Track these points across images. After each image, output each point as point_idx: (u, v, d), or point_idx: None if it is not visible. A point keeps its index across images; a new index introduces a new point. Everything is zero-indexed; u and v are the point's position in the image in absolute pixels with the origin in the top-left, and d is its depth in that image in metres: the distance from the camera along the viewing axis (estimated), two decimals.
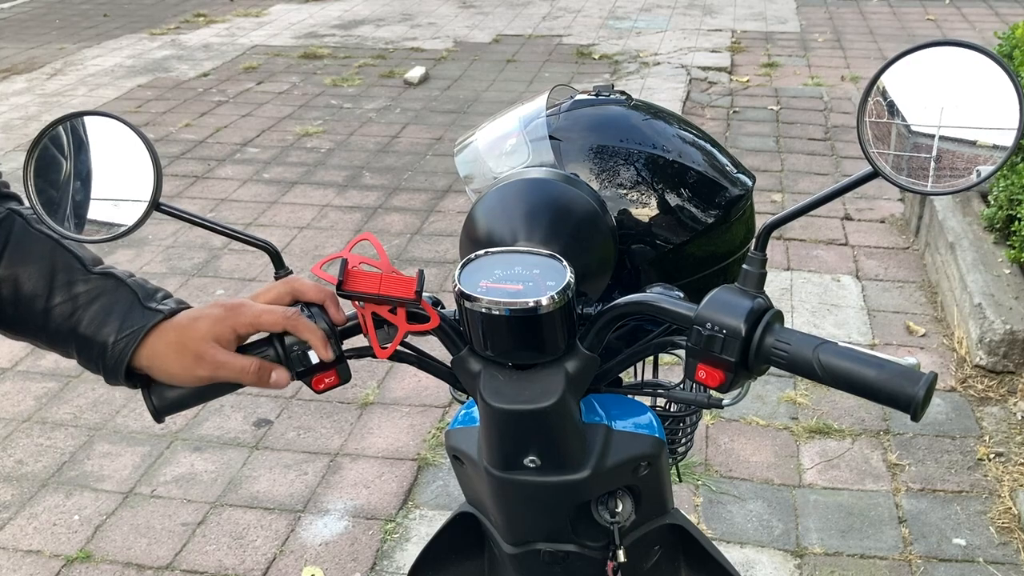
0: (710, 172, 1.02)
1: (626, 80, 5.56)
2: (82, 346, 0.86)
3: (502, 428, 0.86)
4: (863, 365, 0.75)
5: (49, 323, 0.86)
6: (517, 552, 0.96)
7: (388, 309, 0.84)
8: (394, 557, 2.16)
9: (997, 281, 2.81)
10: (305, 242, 3.70)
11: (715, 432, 2.56)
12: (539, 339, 0.84)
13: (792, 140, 4.62)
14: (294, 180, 4.32)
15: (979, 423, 2.56)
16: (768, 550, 2.16)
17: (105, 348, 0.85)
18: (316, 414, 2.67)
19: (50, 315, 0.86)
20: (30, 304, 0.86)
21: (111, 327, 0.85)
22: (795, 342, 0.78)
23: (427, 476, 2.42)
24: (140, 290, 0.88)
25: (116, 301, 0.86)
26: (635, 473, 0.93)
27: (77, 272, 0.87)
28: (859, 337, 2.96)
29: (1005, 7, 7.14)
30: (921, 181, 0.73)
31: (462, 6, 7.69)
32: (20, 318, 0.87)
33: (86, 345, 0.86)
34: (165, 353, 0.85)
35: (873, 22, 6.92)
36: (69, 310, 0.86)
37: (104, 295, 0.86)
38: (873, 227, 3.70)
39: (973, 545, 2.15)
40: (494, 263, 0.87)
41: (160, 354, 0.85)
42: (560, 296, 0.82)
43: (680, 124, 1.08)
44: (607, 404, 0.95)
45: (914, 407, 0.72)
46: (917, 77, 0.71)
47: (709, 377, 0.80)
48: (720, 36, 6.56)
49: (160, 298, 0.89)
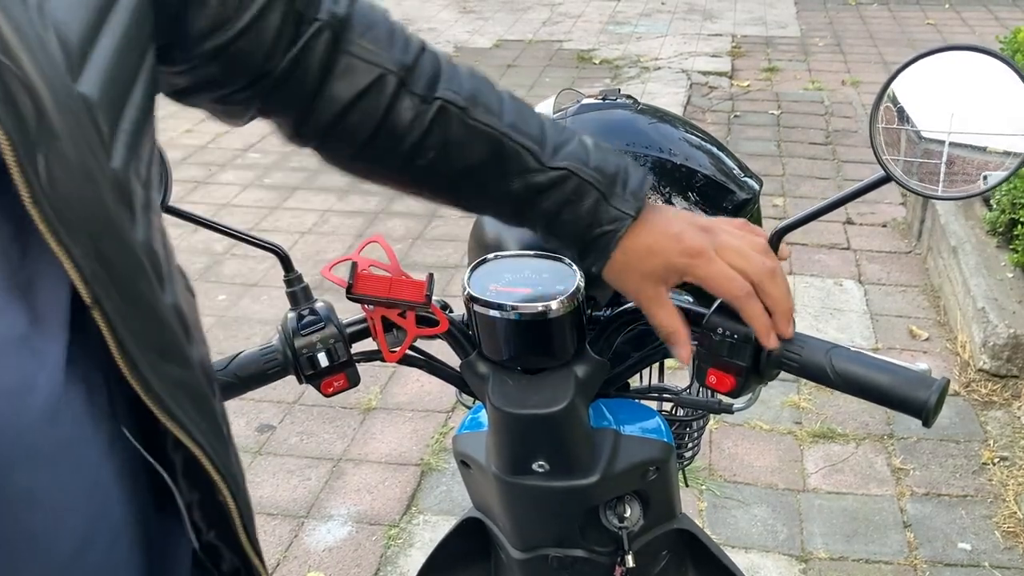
0: (717, 176, 1.02)
1: (627, 85, 5.57)
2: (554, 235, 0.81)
3: (511, 433, 0.86)
4: (875, 370, 0.75)
5: (506, 206, 0.81)
6: (525, 558, 0.96)
7: (398, 313, 0.84)
8: (397, 563, 2.16)
9: (1000, 285, 2.81)
10: (307, 247, 3.70)
11: (719, 437, 2.55)
12: (549, 343, 0.84)
13: (793, 144, 4.62)
14: (295, 185, 4.32)
15: (983, 427, 2.55)
16: (773, 555, 2.15)
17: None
18: (319, 419, 2.67)
19: (508, 201, 0.80)
20: (487, 193, 0.80)
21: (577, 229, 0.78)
22: (807, 346, 0.78)
23: (430, 481, 2.41)
24: (602, 182, 0.78)
25: (578, 202, 0.78)
26: (644, 478, 0.92)
27: (530, 162, 0.78)
28: (862, 341, 2.96)
29: (1005, 11, 7.15)
30: (932, 186, 0.73)
31: (462, 11, 7.70)
32: (478, 205, 0.83)
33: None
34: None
35: (873, 26, 6.92)
36: (529, 196, 0.79)
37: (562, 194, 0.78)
38: (875, 231, 3.70)
39: (979, 550, 2.15)
40: (504, 267, 0.87)
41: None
42: (570, 300, 0.82)
43: (687, 128, 1.08)
44: (615, 409, 0.95)
45: (926, 413, 0.72)
46: (929, 82, 0.71)
47: (720, 382, 0.80)
48: (720, 41, 6.57)
49: (623, 188, 0.78)
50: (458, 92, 0.76)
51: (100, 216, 0.50)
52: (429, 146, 0.77)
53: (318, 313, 0.87)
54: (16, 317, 0.46)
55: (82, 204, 0.48)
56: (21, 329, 0.46)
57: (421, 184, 0.81)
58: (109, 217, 0.50)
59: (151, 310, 0.54)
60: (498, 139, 0.77)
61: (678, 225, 0.78)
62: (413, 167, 0.78)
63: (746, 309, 0.76)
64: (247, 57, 0.70)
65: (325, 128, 0.76)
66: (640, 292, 0.78)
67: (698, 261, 0.76)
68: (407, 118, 0.75)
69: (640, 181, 0.79)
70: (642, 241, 0.77)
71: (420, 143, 0.76)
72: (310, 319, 0.86)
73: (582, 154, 0.78)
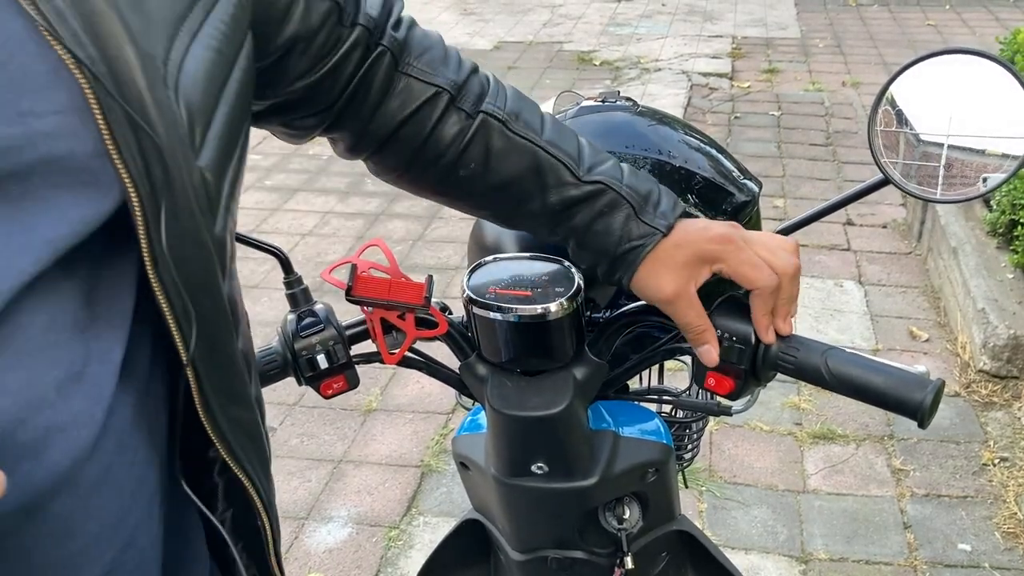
0: (716, 178, 1.02)
1: (627, 86, 5.57)
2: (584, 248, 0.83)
3: (510, 434, 0.86)
4: (871, 371, 0.75)
5: (543, 219, 0.84)
6: (525, 559, 0.96)
7: (397, 315, 0.84)
8: (398, 564, 2.16)
9: (1000, 286, 2.81)
10: (307, 249, 3.70)
11: (719, 438, 2.55)
12: (548, 346, 0.84)
13: (793, 145, 4.62)
14: (296, 187, 4.32)
15: (983, 428, 2.55)
16: (773, 556, 2.15)
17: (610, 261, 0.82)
18: (319, 421, 2.67)
19: (544, 213, 0.83)
20: (525, 205, 0.83)
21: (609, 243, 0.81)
22: (803, 348, 0.78)
23: (431, 483, 2.42)
24: (635, 198, 0.81)
25: (610, 215, 0.81)
26: (643, 479, 0.93)
27: (566, 176, 0.82)
28: (862, 342, 2.96)
29: (1005, 12, 7.15)
30: (930, 189, 0.73)
31: (463, 13, 7.71)
32: (516, 216, 0.86)
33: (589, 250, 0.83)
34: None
35: (873, 27, 6.92)
36: (564, 210, 0.82)
37: (595, 207, 0.81)
38: (875, 232, 3.70)
39: (979, 551, 2.15)
40: (503, 269, 0.87)
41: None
42: (569, 303, 0.82)
43: (686, 130, 1.08)
44: (614, 411, 0.95)
45: (921, 414, 0.72)
46: (927, 85, 0.71)
47: (719, 384, 0.80)
48: (721, 42, 6.57)
49: (655, 208, 0.81)
50: (501, 107, 0.82)
51: (205, 279, 0.54)
52: (471, 157, 0.81)
53: (317, 315, 0.87)
54: (75, 356, 0.49)
55: (192, 267, 0.53)
56: (78, 367, 0.49)
57: (464, 196, 0.85)
58: (211, 279, 0.55)
59: (228, 359, 0.59)
60: (536, 152, 0.81)
61: (704, 222, 0.81)
62: (456, 178, 0.82)
63: (762, 303, 0.77)
64: (329, 90, 0.77)
65: (380, 143, 0.82)
66: (670, 291, 0.78)
67: (728, 247, 0.77)
68: (453, 132, 0.81)
69: (672, 203, 0.82)
70: (671, 240, 0.79)
71: (463, 154, 0.81)
72: (310, 321, 0.86)
73: (617, 173, 0.82)
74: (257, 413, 0.64)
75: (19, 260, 0.45)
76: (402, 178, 0.85)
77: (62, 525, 0.49)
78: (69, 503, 0.49)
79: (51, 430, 0.47)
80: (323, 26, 0.73)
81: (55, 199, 0.46)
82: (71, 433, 0.48)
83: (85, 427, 0.49)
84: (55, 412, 0.47)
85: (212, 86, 0.55)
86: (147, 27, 0.50)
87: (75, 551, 0.50)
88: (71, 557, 0.50)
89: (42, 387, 0.47)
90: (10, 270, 0.45)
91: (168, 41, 0.51)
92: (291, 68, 0.73)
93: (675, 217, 0.81)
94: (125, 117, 0.47)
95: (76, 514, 0.49)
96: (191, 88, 0.53)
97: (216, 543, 0.67)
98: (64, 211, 0.47)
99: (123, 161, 0.48)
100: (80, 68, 0.46)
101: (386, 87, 0.79)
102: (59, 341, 0.48)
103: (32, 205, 0.46)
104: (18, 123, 0.44)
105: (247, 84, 0.61)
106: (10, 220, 0.45)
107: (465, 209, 0.87)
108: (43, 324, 0.47)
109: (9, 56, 0.44)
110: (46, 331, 0.47)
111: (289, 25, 0.70)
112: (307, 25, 0.71)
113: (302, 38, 0.72)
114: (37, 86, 0.45)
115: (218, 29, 0.56)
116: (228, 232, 0.59)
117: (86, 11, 0.46)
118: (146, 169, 0.49)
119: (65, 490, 0.46)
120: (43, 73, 0.45)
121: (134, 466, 0.54)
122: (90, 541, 0.51)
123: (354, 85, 0.78)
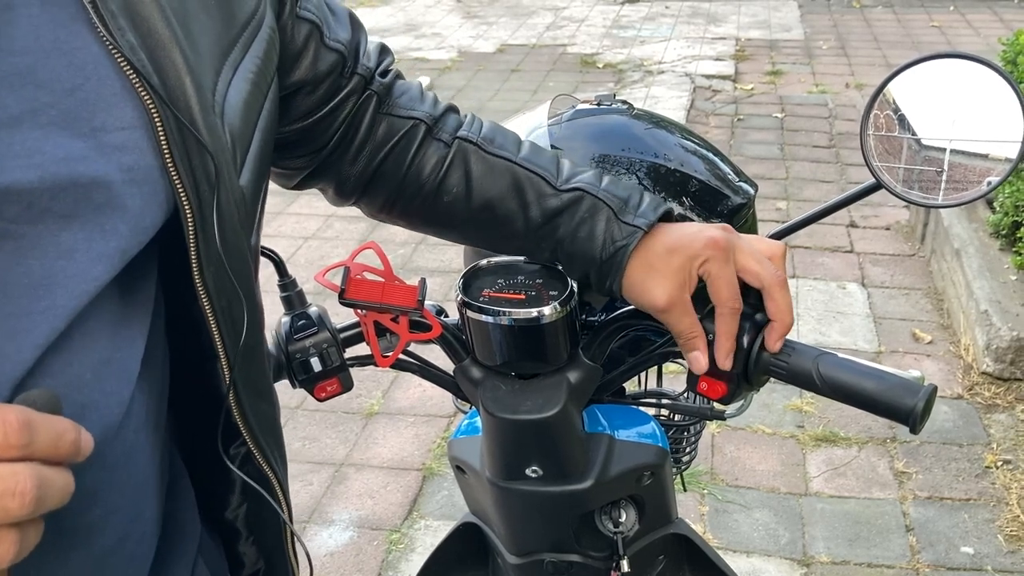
0: (712, 181, 1.02)
1: (630, 89, 5.57)
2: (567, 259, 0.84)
3: (504, 438, 0.86)
4: (862, 377, 0.74)
5: (530, 236, 0.85)
6: (521, 563, 0.96)
7: (390, 318, 0.84)
8: (399, 567, 2.16)
9: (1003, 288, 2.80)
10: (310, 252, 3.71)
11: (721, 441, 2.55)
12: (541, 349, 0.84)
13: (797, 148, 4.62)
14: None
15: (986, 430, 2.54)
16: (775, 559, 2.15)
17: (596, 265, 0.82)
18: (321, 424, 2.67)
19: (529, 229, 0.84)
20: (510, 224, 0.85)
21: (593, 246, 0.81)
22: (795, 353, 0.77)
23: (432, 486, 2.42)
24: (614, 201, 0.82)
25: (592, 221, 0.82)
26: (638, 483, 0.92)
27: (544, 187, 0.84)
28: (865, 345, 2.95)
29: (1010, 13, 7.13)
30: (928, 194, 0.73)
31: (467, 16, 7.72)
32: (504, 238, 0.87)
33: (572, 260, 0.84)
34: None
35: (877, 29, 6.91)
36: (546, 226, 0.83)
37: (577, 214, 0.83)
38: (878, 234, 3.70)
39: (981, 553, 2.14)
40: (497, 272, 0.87)
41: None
42: (563, 306, 0.82)
43: (682, 133, 1.08)
44: (610, 414, 0.95)
45: (912, 419, 0.71)
46: (918, 90, 0.71)
47: (711, 389, 0.80)
48: (724, 44, 6.56)
49: (635, 209, 0.82)
50: (476, 133, 0.86)
51: (246, 284, 0.60)
52: (452, 182, 0.85)
53: (311, 318, 0.87)
54: (108, 343, 0.54)
55: (237, 272, 0.59)
56: (109, 352, 0.54)
57: (451, 224, 0.88)
58: (249, 284, 0.61)
59: (259, 360, 0.65)
60: (514, 168, 0.84)
61: (696, 225, 0.81)
62: (442, 205, 0.86)
63: (725, 324, 0.77)
64: (322, 133, 0.82)
65: (365, 183, 0.86)
66: (664, 300, 0.78)
67: (719, 254, 0.77)
68: (432, 161, 0.85)
69: (653, 204, 0.82)
70: (661, 243, 0.79)
71: (443, 180, 0.85)
72: (303, 324, 0.87)
73: (595, 180, 0.84)
74: (276, 408, 0.70)
75: (95, 268, 0.50)
76: (391, 213, 0.89)
77: (88, 496, 0.52)
78: (97, 476, 0.53)
79: (87, 407, 0.51)
80: (329, 75, 0.79)
81: (132, 208, 0.51)
82: (103, 411, 0.53)
83: (115, 406, 0.54)
84: (91, 391, 0.52)
85: (250, 114, 0.62)
86: (199, 60, 0.56)
87: (95, 519, 0.54)
88: (91, 524, 0.54)
89: (81, 368, 0.51)
90: (86, 276, 0.50)
91: (215, 74, 0.58)
92: (292, 110, 0.78)
93: (656, 216, 0.81)
94: (183, 135, 0.53)
95: (101, 486, 0.54)
96: (233, 116, 0.59)
97: (214, 542, 0.71)
98: (139, 219, 0.52)
99: (179, 175, 0.53)
100: (147, 90, 0.52)
101: (370, 128, 0.84)
102: (97, 329, 0.52)
103: (112, 212, 0.51)
104: (91, 136, 0.50)
105: (274, 113, 0.68)
106: (92, 225, 0.50)
107: (456, 238, 0.90)
108: (87, 315, 0.51)
109: (87, 78, 0.50)
110: (86, 320, 0.51)
111: (298, 71, 0.76)
112: (315, 72, 0.77)
113: (308, 83, 0.77)
114: (108, 104, 0.51)
115: (255, 64, 0.63)
116: (258, 243, 0.66)
117: (152, 44, 0.53)
118: (195, 184, 0.54)
119: (96, 463, 0.49)
120: (114, 93, 0.51)
121: (147, 446, 0.59)
122: (110, 510, 0.55)
123: (343, 128, 0.83)
